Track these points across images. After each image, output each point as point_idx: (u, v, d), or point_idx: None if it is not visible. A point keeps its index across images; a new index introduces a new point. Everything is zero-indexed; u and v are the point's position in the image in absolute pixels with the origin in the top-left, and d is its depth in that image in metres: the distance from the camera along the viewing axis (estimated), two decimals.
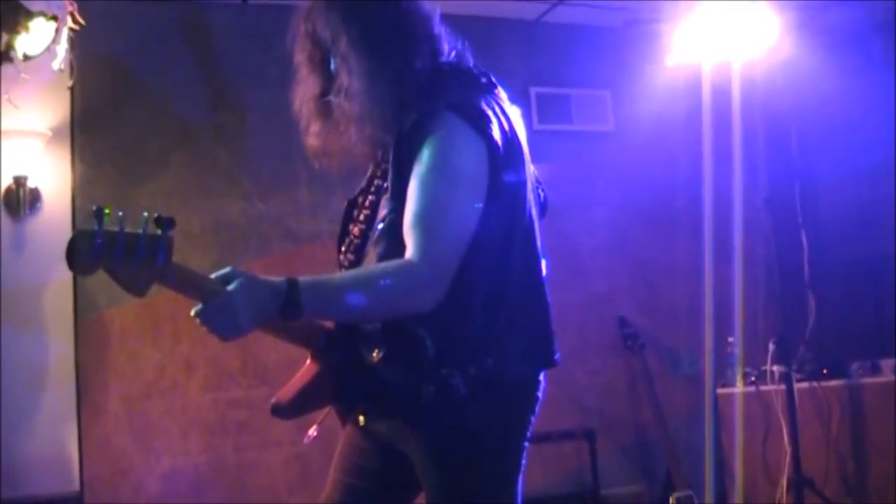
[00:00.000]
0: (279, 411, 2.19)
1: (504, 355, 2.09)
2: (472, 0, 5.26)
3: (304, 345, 2.22)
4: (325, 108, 2.23)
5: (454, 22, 2.30)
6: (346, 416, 2.34)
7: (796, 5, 5.14)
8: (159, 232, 1.77)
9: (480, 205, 2.05)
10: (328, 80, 2.22)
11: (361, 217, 2.24)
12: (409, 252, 1.98)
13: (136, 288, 1.77)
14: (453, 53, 2.25)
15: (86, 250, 1.70)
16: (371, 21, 2.17)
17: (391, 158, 2.10)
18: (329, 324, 2.22)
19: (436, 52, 2.21)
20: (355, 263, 2.22)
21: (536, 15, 5.77)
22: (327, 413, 2.38)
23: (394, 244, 2.05)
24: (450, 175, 2.03)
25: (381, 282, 1.95)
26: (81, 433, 4.62)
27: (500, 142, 2.08)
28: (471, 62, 2.27)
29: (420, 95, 2.12)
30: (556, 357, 2.20)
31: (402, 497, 2.34)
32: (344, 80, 2.15)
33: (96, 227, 1.70)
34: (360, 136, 2.16)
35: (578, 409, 5.48)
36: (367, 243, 2.19)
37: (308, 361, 2.24)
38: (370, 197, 2.22)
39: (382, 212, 2.14)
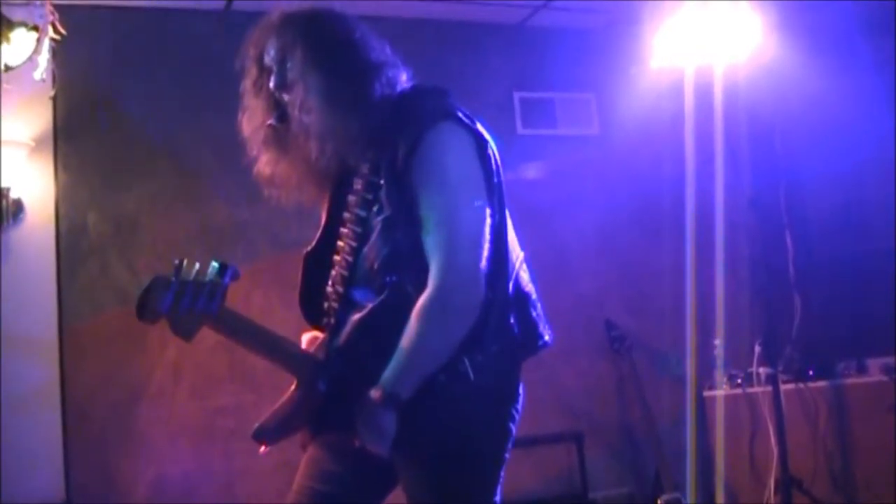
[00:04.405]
0: (262, 436, 2.20)
1: (507, 341, 2.13)
2: (455, 4, 5.27)
3: (294, 372, 2.22)
4: (274, 135, 2.25)
5: (437, 27, 2.31)
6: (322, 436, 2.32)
7: (780, 5, 5.11)
8: (219, 280, 1.84)
9: (486, 201, 2.10)
10: (275, 105, 2.23)
11: (347, 249, 2.21)
12: (433, 271, 2.02)
13: (188, 333, 1.84)
14: (406, 84, 2.26)
15: (158, 299, 1.77)
16: (326, 42, 2.18)
17: (384, 179, 2.10)
18: (320, 354, 2.23)
19: (392, 81, 2.21)
20: (344, 293, 2.22)
21: (519, 19, 5.77)
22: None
23: (397, 240, 2.09)
24: (454, 183, 2.07)
25: (428, 331, 2.02)
26: (68, 440, 4.60)
27: (486, 139, 2.15)
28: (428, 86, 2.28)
29: (400, 118, 2.12)
30: (543, 340, 2.24)
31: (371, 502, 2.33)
32: (300, 95, 2.16)
33: (173, 279, 1.76)
34: (322, 152, 2.16)
35: (566, 412, 5.48)
36: (359, 265, 2.18)
37: (293, 387, 2.23)
38: (351, 227, 2.20)
39: (377, 226, 2.13)
